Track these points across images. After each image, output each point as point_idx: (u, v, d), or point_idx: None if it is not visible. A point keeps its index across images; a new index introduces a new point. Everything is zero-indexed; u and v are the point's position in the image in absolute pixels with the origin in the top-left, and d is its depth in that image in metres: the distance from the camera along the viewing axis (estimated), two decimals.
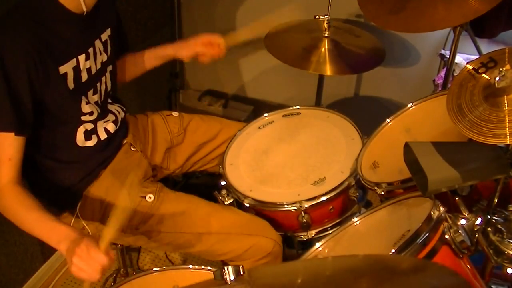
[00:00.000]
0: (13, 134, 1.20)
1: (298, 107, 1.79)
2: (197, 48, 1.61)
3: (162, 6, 2.54)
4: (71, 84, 1.31)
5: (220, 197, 1.51)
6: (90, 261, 1.07)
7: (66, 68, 1.29)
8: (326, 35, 1.89)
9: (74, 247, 1.09)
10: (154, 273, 1.25)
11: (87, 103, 1.38)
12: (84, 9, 1.30)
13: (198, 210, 1.44)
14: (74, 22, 1.30)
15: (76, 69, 1.32)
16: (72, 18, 1.29)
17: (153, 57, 1.67)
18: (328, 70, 1.81)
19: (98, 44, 1.40)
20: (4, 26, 1.19)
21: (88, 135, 1.40)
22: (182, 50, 1.63)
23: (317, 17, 1.91)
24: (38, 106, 1.25)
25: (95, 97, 1.42)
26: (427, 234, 1.04)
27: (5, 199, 1.21)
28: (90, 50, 1.36)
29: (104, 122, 1.46)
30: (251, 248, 1.40)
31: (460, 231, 1.07)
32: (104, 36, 1.43)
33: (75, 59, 1.31)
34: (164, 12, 2.56)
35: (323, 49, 1.87)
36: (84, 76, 1.35)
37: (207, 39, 1.60)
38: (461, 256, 1.08)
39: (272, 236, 1.43)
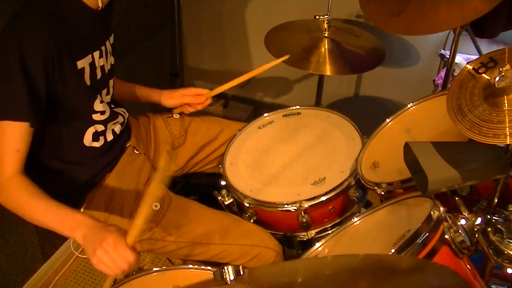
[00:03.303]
0: (27, 124, 1.19)
1: (298, 107, 1.79)
2: (184, 99, 1.69)
3: (162, 6, 2.54)
4: (87, 80, 1.32)
5: (220, 197, 1.51)
6: (116, 259, 1.05)
7: (83, 63, 1.29)
8: (326, 35, 1.90)
9: (95, 237, 1.07)
10: (154, 273, 1.25)
11: (101, 101, 1.38)
12: (100, 4, 1.30)
13: (202, 220, 1.43)
14: (90, 18, 1.31)
15: (92, 66, 1.32)
16: (88, 13, 1.30)
17: (139, 95, 1.70)
18: (328, 70, 1.81)
19: (107, 45, 1.41)
20: (24, 18, 1.18)
21: (96, 136, 1.40)
22: (169, 100, 1.69)
23: (317, 17, 1.91)
24: (51, 100, 1.24)
25: (108, 98, 1.43)
26: (427, 234, 1.04)
27: (12, 190, 1.19)
28: (103, 48, 1.37)
29: (114, 123, 1.46)
30: (254, 259, 1.41)
31: (460, 231, 1.07)
32: (111, 39, 1.44)
33: (90, 55, 1.32)
34: (164, 12, 2.56)
35: (323, 49, 1.87)
36: (99, 74, 1.36)
37: (194, 92, 1.68)
38: (461, 256, 1.08)
39: (274, 247, 1.44)
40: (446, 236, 1.07)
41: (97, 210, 1.41)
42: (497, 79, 1.05)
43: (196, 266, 1.23)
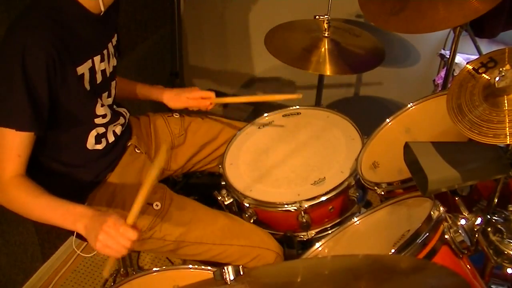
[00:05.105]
0: (30, 133, 1.19)
1: (298, 107, 1.79)
2: (189, 103, 1.67)
3: (162, 6, 2.54)
4: (87, 85, 1.31)
5: (220, 197, 1.51)
6: (118, 238, 1.06)
7: (83, 69, 1.29)
8: (326, 35, 1.90)
9: (96, 224, 1.08)
10: (154, 273, 1.25)
11: (102, 105, 1.38)
12: (102, 9, 1.30)
13: (203, 220, 1.43)
14: (91, 22, 1.31)
15: (92, 71, 1.32)
16: (89, 18, 1.30)
17: (139, 92, 1.70)
18: (328, 70, 1.81)
19: (110, 47, 1.41)
20: (26, 25, 1.18)
21: (98, 138, 1.40)
22: (173, 101, 1.68)
23: (317, 17, 1.91)
24: (53, 106, 1.24)
25: (109, 100, 1.43)
26: (427, 234, 1.04)
27: (11, 190, 1.19)
28: (105, 52, 1.37)
29: (114, 125, 1.46)
30: (254, 260, 1.41)
31: (460, 231, 1.07)
32: (114, 40, 1.44)
33: (90, 60, 1.31)
34: (164, 12, 2.56)
35: (323, 49, 1.87)
36: (99, 78, 1.36)
37: (199, 95, 1.68)
38: (461, 256, 1.08)
39: (275, 248, 1.44)
40: (446, 236, 1.07)
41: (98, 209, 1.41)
42: (497, 79, 1.05)
43: (196, 266, 1.23)
